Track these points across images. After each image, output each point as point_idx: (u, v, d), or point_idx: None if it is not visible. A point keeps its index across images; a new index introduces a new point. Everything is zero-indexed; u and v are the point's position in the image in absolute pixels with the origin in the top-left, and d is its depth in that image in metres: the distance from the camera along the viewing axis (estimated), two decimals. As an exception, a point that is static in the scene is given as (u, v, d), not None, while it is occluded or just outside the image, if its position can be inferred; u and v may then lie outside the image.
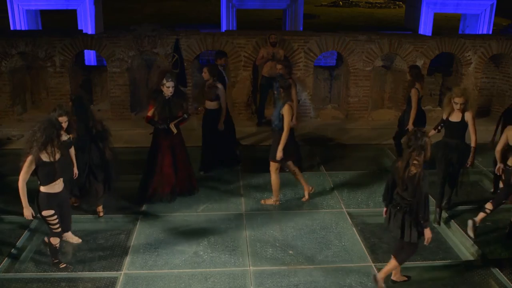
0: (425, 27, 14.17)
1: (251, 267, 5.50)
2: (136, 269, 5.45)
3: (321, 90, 11.19)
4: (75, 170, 6.12)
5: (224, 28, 13.82)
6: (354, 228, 6.36)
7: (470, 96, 6.15)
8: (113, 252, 5.76)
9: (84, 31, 11.25)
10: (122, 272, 5.39)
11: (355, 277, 5.36)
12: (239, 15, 15.24)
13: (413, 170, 4.65)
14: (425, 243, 4.87)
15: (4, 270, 5.41)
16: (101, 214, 6.51)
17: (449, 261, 5.69)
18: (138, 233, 6.14)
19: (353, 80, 10.43)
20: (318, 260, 5.65)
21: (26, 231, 6.17)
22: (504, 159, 6.11)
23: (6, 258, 5.59)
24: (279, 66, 8.00)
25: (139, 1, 26.95)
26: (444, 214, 6.69)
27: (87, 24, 13.08)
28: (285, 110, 6.30)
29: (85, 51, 11.18)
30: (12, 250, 5.75)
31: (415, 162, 4.64)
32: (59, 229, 5.26)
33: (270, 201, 6.92)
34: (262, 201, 6.95)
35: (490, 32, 14.23)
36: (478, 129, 6.27)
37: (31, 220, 6.34)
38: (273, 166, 6.65)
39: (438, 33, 11.13)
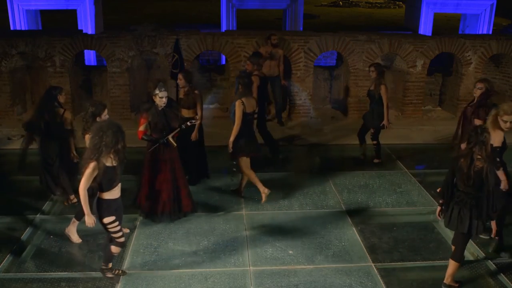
0: (425, 27, 14.16)
1: (251, 267, 5.50)
2: (136, 269, 5.45)
3: (321, 90, 11.19)
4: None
5: (224, 28, 13.82)
6: (354, 228, 6.35)
7: None
8: (113, 252, 5.75)
9: (84, 31, 11.26)
10: (122, 272, 5.39)
11: (355, 277, 5.36)
12: (239, 15, 15.24)
13: (479, 164, 4.75)
14: (492, 235, 5.03)
15: (4, 270, 5.40)
16: (75, 200, 6.70)
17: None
18: (138, 233, 6.14)
19: (353, 80, 10.44)
20: (318, 260, 5.65)
21: (27, 231, 6.16)
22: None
23: (6, 258, 5.58)
24: (247, 62, 8.18)
25: (139, 1, 26.95)
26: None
27: (87, 24, 13.07)
28: (236, 106, 6.57)
29: (85, 51, 11.18)
30: (12, 250, 5.74)
31: (478, 156, 4.74)
32: (123, 238, 5.08)
33: (262, 195, 6.84)
34: (262, 201, 6.92)
35: (490, 32, 14.23)
36: None
37: (32, 219, 6.40)
38: (241, 162, 6.77)
39: (438, 33, 11.13)
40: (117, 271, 5.29)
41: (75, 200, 6.69)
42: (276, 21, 19.13)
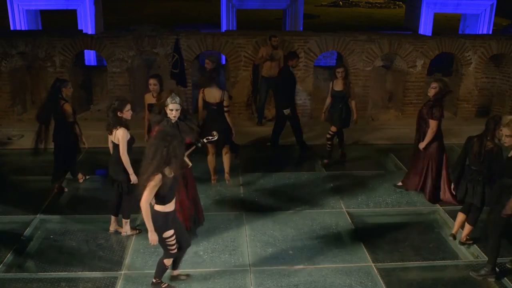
0: (425, 27, 14.17)
1: (251, 267, 5.50)
2: (136, 269, 5.45)
3: (321, 90, 11.18)
4: None
5: (224, 28, 13.82)
6: (354, 228, 6.35)
7: None
8: (113, 252, 5.75)
9: (84, 31, 11.26)
10: (122, 272, 5.39)
11: (355, 277, 5.36)
12: (239, 15, 15.25)
13: (490, 144, 5.50)
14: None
15: (4, 270, 5.40)
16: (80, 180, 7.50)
17: (449, 261, 5.69)
18: (138, 233, 6.13)
19: (353, 80, 10.42)
20: (318, 260, 5.65)
21: (26, 231, 6.16)
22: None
23: (6, 258, 5.58)
24: (206, 61, 8.28)
25: (139, 1, 26.97)
26: (445, 215, 6.70)
27: (87, 24, 13.08)
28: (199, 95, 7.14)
29: (85, 51, 11.18)
30: (12, 250, 5.74)
31: (488, 138, 5.51)
32: (176, 250, 4.83)
33: (213, 181, 7.47)
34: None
35: (490, 32, 14.23)
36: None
37: (32, 219, 6.39)
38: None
39: (438, 33, 11.13)
40: (164, 285, 5.07)
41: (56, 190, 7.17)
42: (276, 21, 19.15)
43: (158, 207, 4.58)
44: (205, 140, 5.67)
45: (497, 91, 11.07)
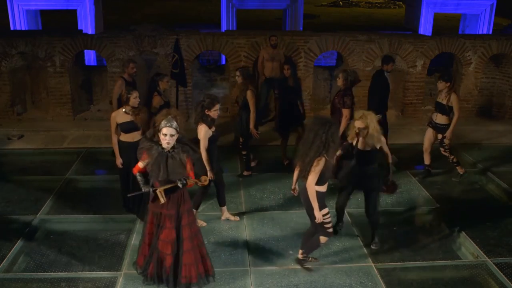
0: (425, 27, 14.17)
1: (251, 267, 5.50)
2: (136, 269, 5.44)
3: (321, 90, 11.19)
4: None
5: (224, 28, 13.81)
6: (354, 228, 6.35)
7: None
8: (113, 252, 5.76)
9: (84, 31, 11.25)
10: (122, 272, 5.39)
11: (355, 277, 5.36)
12: (239, 15, 15.23)
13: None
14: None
15: (4, 270, 5.41)
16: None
17: (449, 261, 5.69)
18: (138, 233, 6.12)
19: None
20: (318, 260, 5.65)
21: (27, 231, 6.16)
22: None
23: (6, 258, 5.58)
24: (131, 65, 7.93)
25: (139, 1, 26.94)
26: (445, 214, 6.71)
27: (87, 24, 13.07)
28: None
29: (85, 51, 11.18)
30: (12, 250, 5.74)
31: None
32: (331, 229, 5.27)
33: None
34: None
35: (490, 32, 14.23)
36: (480, 129, 6.16)
37: (32, 219, 6.40)
38: None
39: (438, 33, 11.13)
40: (311, 259, 5.48)
41: None
42: (276, 21, 19.13)
43: (318, 188, 4.95)
44: (195, 182, 4.78)
45: (497, 91, 11.06)
